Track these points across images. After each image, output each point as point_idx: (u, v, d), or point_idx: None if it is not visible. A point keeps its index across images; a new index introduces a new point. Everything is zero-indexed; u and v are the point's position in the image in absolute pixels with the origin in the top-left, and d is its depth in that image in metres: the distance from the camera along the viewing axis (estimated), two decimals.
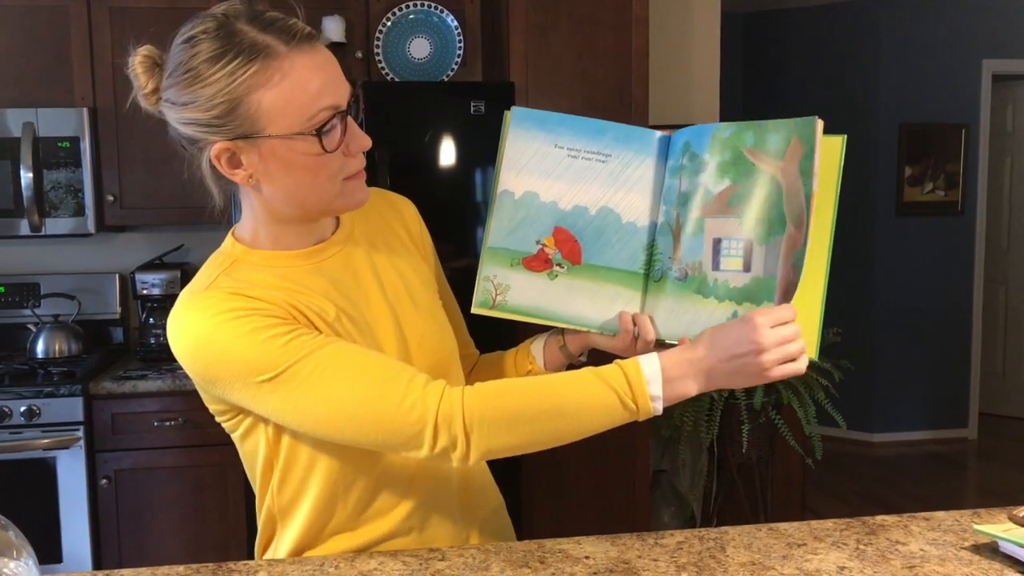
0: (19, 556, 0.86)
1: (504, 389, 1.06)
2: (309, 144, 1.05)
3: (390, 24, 3.03)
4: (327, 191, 1.09)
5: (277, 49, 1.03)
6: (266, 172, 1.07)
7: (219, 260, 1.15)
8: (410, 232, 1.29)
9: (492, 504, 1.30)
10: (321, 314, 1.10)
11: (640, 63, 3.00)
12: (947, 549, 1.13)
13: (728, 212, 1.12)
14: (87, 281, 3.24)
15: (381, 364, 1.06)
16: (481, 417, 1.03)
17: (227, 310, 1.04)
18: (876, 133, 5.37)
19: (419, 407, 1.02)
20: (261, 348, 1.03)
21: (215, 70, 1.02)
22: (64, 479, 2.70)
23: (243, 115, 1.03)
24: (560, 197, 1.21)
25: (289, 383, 1.03)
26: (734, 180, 1.12)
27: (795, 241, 1.08)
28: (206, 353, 1.05)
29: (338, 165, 1.08)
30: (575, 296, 1.21)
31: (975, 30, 5.39)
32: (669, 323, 1.17)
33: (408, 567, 1.10)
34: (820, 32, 5.58)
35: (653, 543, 1.16)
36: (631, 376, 1.05)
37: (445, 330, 1.24)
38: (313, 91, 1.04)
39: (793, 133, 1.09)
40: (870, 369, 5.44)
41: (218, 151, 1.06)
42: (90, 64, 2.95)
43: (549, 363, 1.29)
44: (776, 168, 1.10)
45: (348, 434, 1.04)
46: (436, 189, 2.78)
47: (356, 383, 1.03)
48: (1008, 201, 5.88)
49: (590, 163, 1.20)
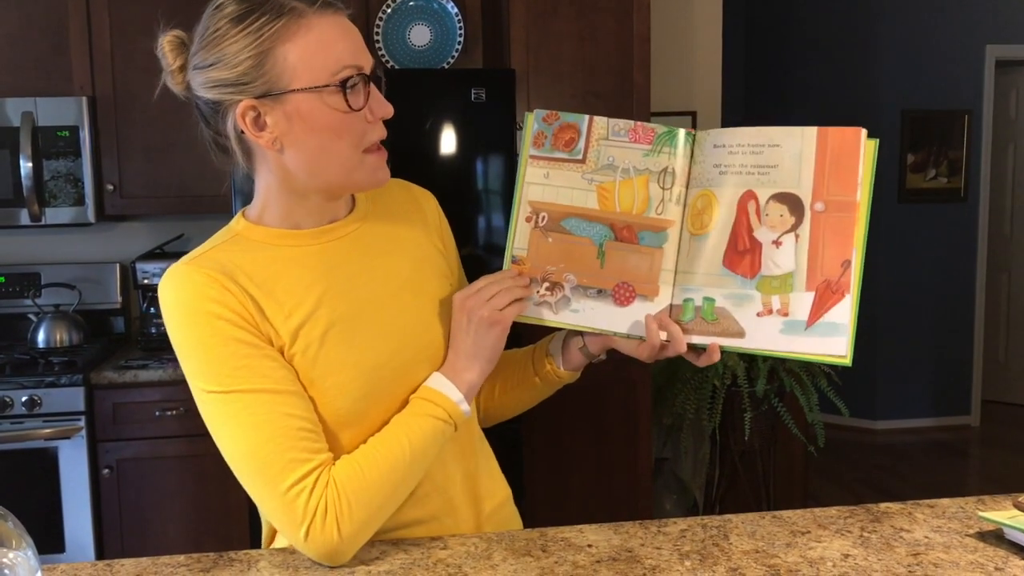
0: (18, 546, 0.85)
1: (365, 482, 1.06)
2: (334, 99, 1.06)
3: (390, 11, 3.01)
4: (349, 159, 1.10)
5: (303, 10, 1.05)
6: (290, 133, 1.07)
7: (221, 233, 1.17)
8: (428, 224, 1.28)
9: (499, 497, 1.29)
10: (291, 308, 1.09)
11: (642, 48, 2.98)
12: (952, 536, 1.13)
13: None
14: (88, 271, 3.23)
15: (289, 440, 1.04)
16: (351, 519, 1.04)
17: (203, 311, 1.05)
18: (878, 119, 5.34)
19: (300, 507, 1.03)
20: (215, 360, 1.05)
21: (241, 27, 1.04)
22: (66, 469, 2.70)
23: (269, 71, 1.05)
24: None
25: (223, 405, 1.05)
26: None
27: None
28: (175, 336, 1.08)
29: (360, 130, 1.09)
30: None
31: (978, 15, 5.36)
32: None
33: (410, 556, 1.10)
34: (822, 18, 5.55)
35: (656, 531, 1.16)
36: (432, 397, 1.13)
37: (447, 323, 1.22)
38: (339, 48, 1.07)
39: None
40: (873, 356, 5.44)
41: (243, 109, 1.06)
42: (89, 53, 2.94)
43: (568, 363, 1.28)
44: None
45: (242, 480, 1.07)
46: (437, 177, 2.77)
47: (265, 445, 1.03)
48: (1011, 188, 5.86)
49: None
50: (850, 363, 1.09)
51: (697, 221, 1.15)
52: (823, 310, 1.08)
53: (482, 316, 1.15)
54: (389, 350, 1.14)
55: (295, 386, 1.07)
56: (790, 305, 1.09)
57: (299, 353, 1.09)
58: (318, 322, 1.10)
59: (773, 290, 1.10)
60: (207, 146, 1.15)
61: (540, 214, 1.20)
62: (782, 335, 1.09)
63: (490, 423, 1.36)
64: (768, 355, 1.12)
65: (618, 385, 3.02)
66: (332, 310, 1.11)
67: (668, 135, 1.17)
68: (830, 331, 1.07)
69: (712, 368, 3.25)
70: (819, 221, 1.08)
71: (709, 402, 3.28)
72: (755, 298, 1.10)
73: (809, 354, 1.09)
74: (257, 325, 1.07)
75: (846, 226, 1.08)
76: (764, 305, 1.10)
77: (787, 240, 1.09)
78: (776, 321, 1.09)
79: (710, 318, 1.13)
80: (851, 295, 1.07)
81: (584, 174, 1.19)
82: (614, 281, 1.18)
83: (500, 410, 1.35)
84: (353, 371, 1.10)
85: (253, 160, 1.13)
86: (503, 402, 1.34)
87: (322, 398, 1.09)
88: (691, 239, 1.15)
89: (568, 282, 1.19)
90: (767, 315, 1.10)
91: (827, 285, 1.08)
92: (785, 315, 1.09)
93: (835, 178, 1.08)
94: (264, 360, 1.06)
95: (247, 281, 1.09)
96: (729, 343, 1.12)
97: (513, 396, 1.33)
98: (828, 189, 1.08)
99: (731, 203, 1.12)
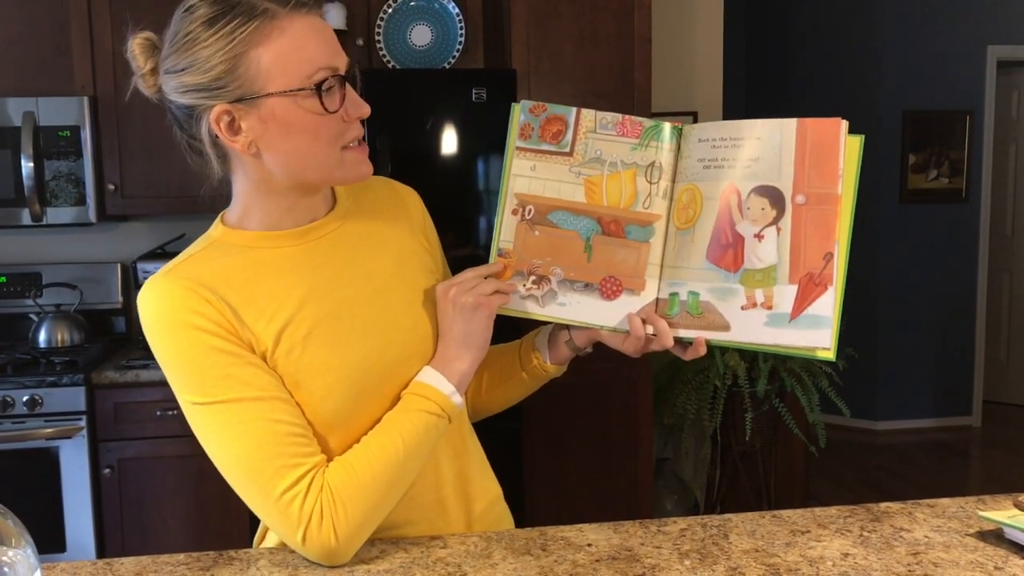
0: (18, 545, 0.85)
1: (359, 483, 1.06)
2: (309, 102, 1.05)
3: (391, 11, 3.01)
4: (328, 158, 1.09)
5: (275, 11, 1.04)
6: (265, 137, 1.06)
7: (199, 241, 1.15)
8: (412, 221, 1.27)
9: (490, 495, 1.29)
10: (273, 311, 1.08)
11: (642, 48, 2.98)
12: (952, 536, 1.13)
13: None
14: (89, 271, 3.24)
15: (278, 446, 1.04)
16: (347, 521, 1.04)
17: (182, 322, 1.04)
18: (880, 120, 5.35)
19: (295, 512, 1.03)
20: (197, 371, 1.04)
21: (213, 31, 1.02)
22: (67, 468, 2.70)
23: (242, 75, 1.03)
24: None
25: (210, 416, 1.05)
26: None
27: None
28: (157, 350, 1.07)
29: (336, 130, 1.08)
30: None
31: (980, 16, 5.36)
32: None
33: (410, 555, 1.10)
34: (823, 18, 5.55)
35: (656, 530, 1.16)
36: (423, 391, 1.13)
37: (435, 317, 1.22)
38: (312, 49, 1.05)
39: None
40: (874, 357, 5.43)
41: (217, 114, 1.04)
42: (90, 53, 2.94)
43: (554, 358, 1.27)
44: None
45: (236, 489, 1.06)
46: (437, 177, 2.77)
47: (254, 453, 1.03)
48: (1012, 188, 5.86)
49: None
50: (834, 357, 1.08)
51: (683, 215, 1.15)
52: (806, 303, 1.08)
53: (466, 302, 1.14)
54: (377, 348, 1.13)
55: (281, 391, 1.06)
56: (774, 298, 1.09)
57: (283, 356, 1.08)
58: (301, 324, 1.09)
59: (756, 283, 1.09)
60: (181, 149, 1.13)
61: (527, 207, 1.20)
62: (767, 328, 1.09)
63: (478, 418, 1.36)
64: (753, 348, 1.12)
65: (619, 385, 3.02)
66: (316, 311, 1.10)
67: (655, 129, 1.17)
68: (814, 324, 1.07)
69: (713, 368, 3.25)
70: (800, 214, 1.08)
71: (710, 402, 3.28)
72: (739, 291, 1.10)
73: (793, 347, 1.08)
74: (237, 333, 1.06)
75: (828, 219, 1.07)
76: (748, 298, 1.10)
77: (769, 233, 1.09)
78: (760, 314, 1.09)
79: (695, 312, 1.13)
80: (834, 288, 1.07)
81: (571, 167, 1.19)
82: (601, 275, 1.18)
83: (488, 405, 1.35)
84: (340, 371, 1.09)
85: (229, 163, 1.12)
86: (490, 397, 1.34)
87: (310, 400, 1.08)
88: (677, 233, 1.15)
89: (555, 275, 1.19)
90: (751, 308, 1.10)
91: (810, 278, 1.08)
92: (769, 308, 1.09)
93: (815, 170, 1.08)
94: (247, 368, 1.05)
95: (226, 289, 1.07)
96: (714, 336, 1.12)
97: (500, 391, 1.33)
98: (809, 182, 1.08)
99: (714, 197, 1.12)
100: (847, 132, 1.08)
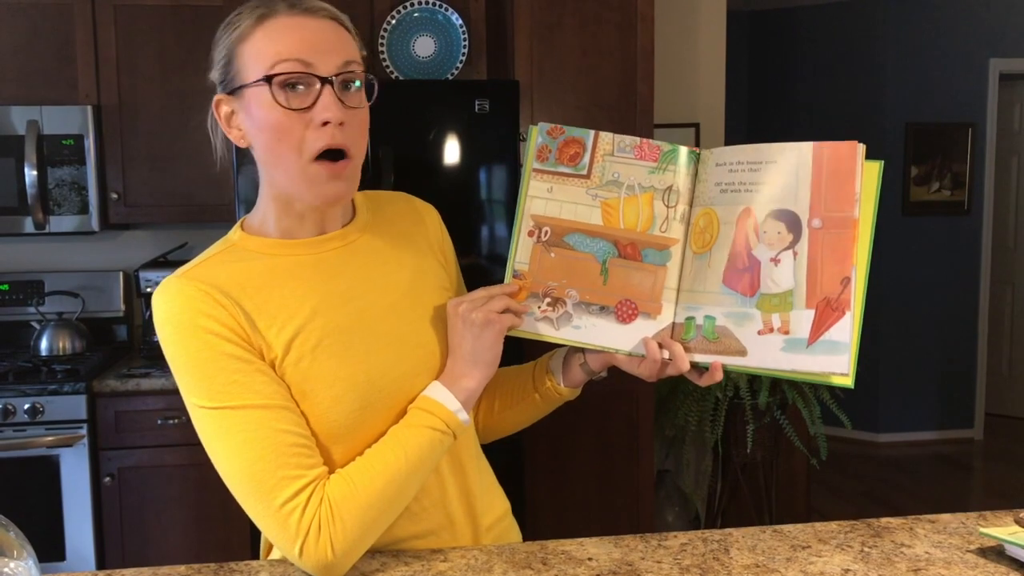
0: (19, 556, 0.85)
1: (359, 498, 1.05)
2: (265, 94, 1.06)
3: (395, 22, 3.02)
4: (292, 164, 1.08)
5: (276, 10, 1.08)
6: (251, 131, 1.11)
7: (218, 244, 1.17)
8: (429, 237, 1.27)
9: (497, 511, 1.29)
10: (284, 320, 1.09)
11: (646, 61, 2.99)
12: (952, 552, 1.12)
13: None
14: (91, 279, 3.24)
15: (282, 456, 1.04)
16: (344, 536, 1.03)
17: (195, 325, 1.05)
18: (882, 132, 5.35)
19: (294, 524, 1.02)
20: (207, 375, 1.04)
21: (223, 30, 1.11)
22: (68, 477, 2.70)
23: (234, 68, 1.09)
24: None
25: (215, 420, 1.04)
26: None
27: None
28: (168, 351, 1.07)
29: (299, 135, 1.07)
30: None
31: (982, 29, 5.37)
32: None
33: (411, 568, 1.10)
34: (826, 31, 5.56)
35: (656, 545, 1.16)
36: (429, 407, 1.12)
37: (446, 335, 1.21)
38: (283, 43, 1.06)
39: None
40: (876, 369, 5.43)
41: (216, 102, 1.13)
42: (94, 61, 2.95)
43: (568, 381, 1.27)
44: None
45: (237, 496, 1.06)
46: (440, 187, 2.77)
47: (257, 462, 1.03)
48: (1015, 201, 5.86)
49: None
50: (852, 384, 1.07)
51: (699, 239, 1.15)
52: (824, 328, 1.07)
53: (476, 318, 1.14)
54: (386, 362, 1.13)
55: (288, 401, 1.07)
56: (790, 323, 1.08)
57: (292, 365, 1.08)
58: (312, 334, 1.09)
59: (773, 308, 1.09)
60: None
61: (543, 228, 1.20)
62: (783, 353, 1.08)
63: (489, 439, 1.35)
64: (770, 374, 1.11)
65: (620, 397, 3.02)
66: (327, 322, 1.11)
67: (673, 153, 1.17)
68: (831, 349, 1.06)
69: None
70: (817, 238, 1.07)
71: (711, 414, 3.28)
72: (755, 316, 1.10)
73: (811, 372, 1.07)
74: (249, 339, 1.07)
75: (845, 243, 1.07)
76: (764, 323, 1.09)
77: (785, 257, 1.09)
78: (777, 339, 1.08)
79: (711, 337, 1.12)
80: (852, 313, 1.06)
81: (588, 190, 1.18)
82: (617, 298, 1.17)
83: (500, 426, 1.34)
84: (347, 383, 1.09)
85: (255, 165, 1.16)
86: (502, 418, 1.33)
87: (316, 410, 1.08)
88: (693, 257, 1.15)
89: (570, 298, 1.18)
90: (768, 333, 1.09)
91: (827, 303, 1.07)
92: (786, 333, 1.08)
93: (832, 194, 1.07)
94: (256, 375, 1.05)
95: (240, 294, 1.08)
96: (731, 361, 1.11)
97: (513, 412, 1.32)
98: (825, 205, 1.07)
99: (731, 221, 1.12)
100: (864, 156, 1.07)
